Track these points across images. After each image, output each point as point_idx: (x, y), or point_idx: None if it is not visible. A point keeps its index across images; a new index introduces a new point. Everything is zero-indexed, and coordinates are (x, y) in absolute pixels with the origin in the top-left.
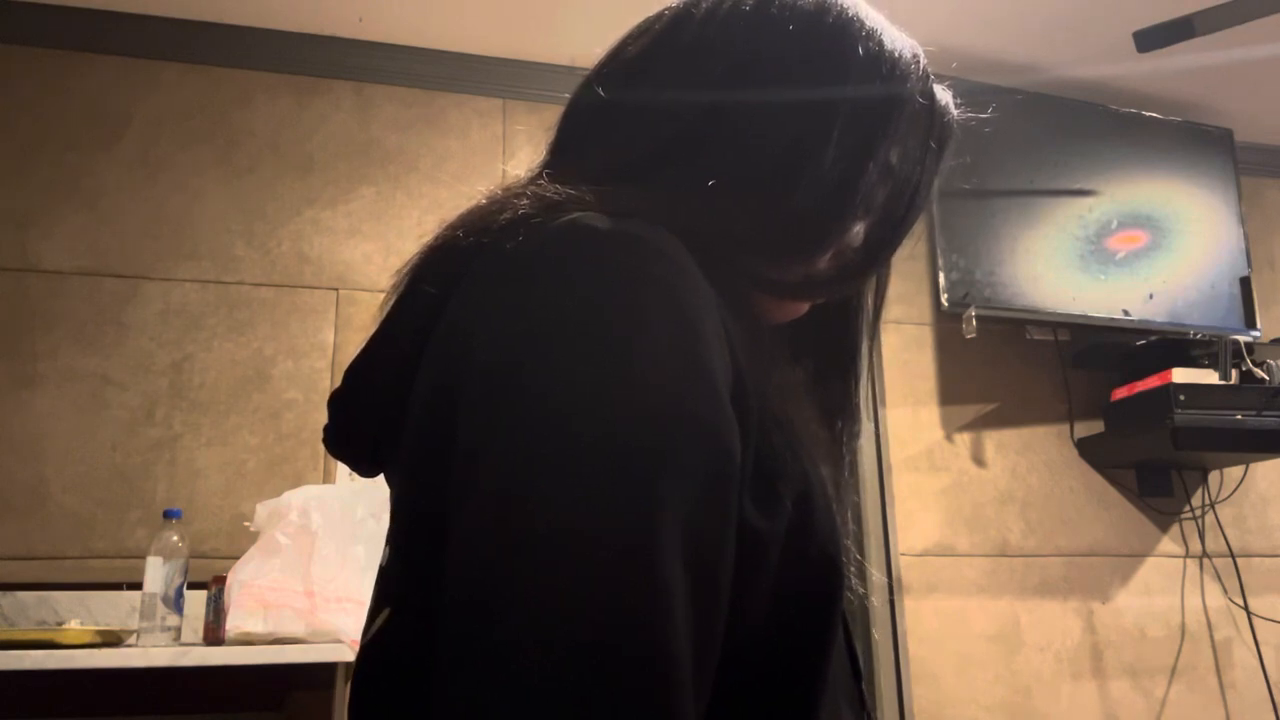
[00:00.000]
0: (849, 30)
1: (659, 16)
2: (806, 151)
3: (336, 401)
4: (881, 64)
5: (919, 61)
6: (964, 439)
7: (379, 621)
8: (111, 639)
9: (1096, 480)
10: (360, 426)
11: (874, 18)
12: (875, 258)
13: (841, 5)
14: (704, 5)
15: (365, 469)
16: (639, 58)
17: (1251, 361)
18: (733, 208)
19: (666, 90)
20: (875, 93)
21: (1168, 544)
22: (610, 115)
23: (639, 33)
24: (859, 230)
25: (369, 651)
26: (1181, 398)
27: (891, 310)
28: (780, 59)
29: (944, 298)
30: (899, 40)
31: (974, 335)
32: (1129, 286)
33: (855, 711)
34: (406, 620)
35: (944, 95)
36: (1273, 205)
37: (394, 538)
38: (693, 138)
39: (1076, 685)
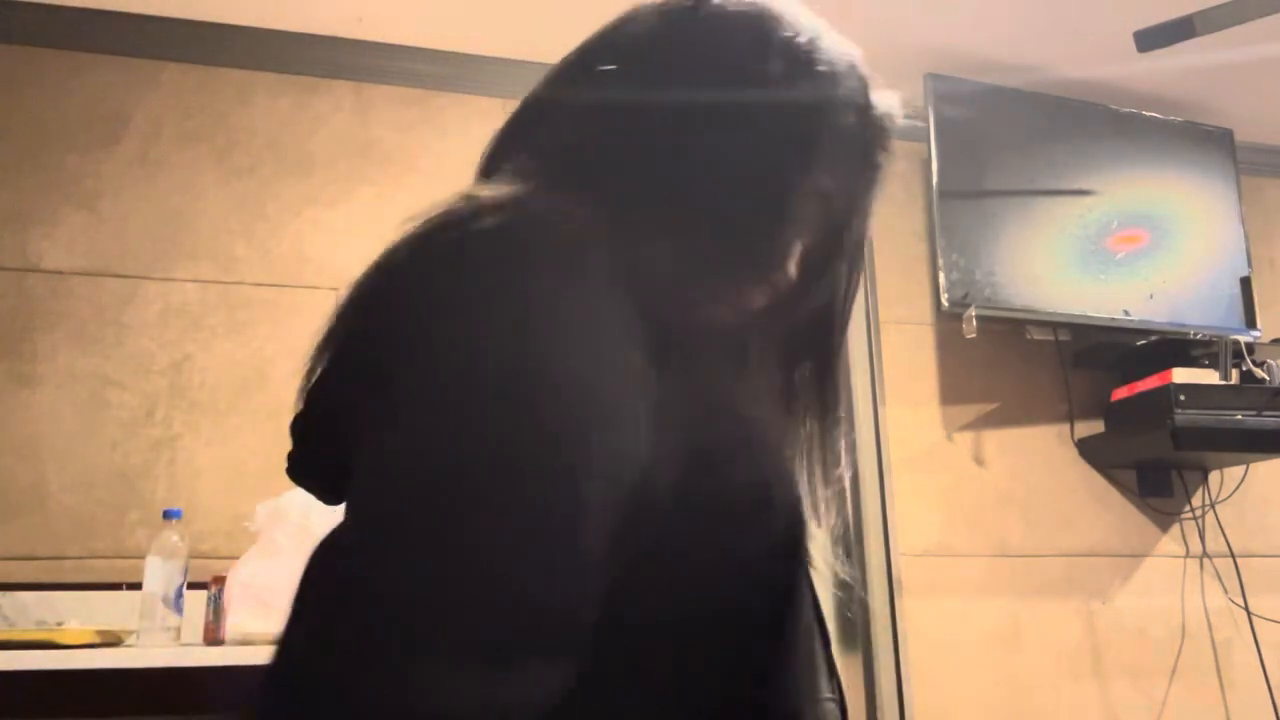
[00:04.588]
0: (771, 42)
1: (600, 29)
2: (727, 165)
3: (300, 425)
4: (806, 76)
5: (855, 70)
6: (964, 439)
7: None
8: (111, 639)
9: (1096, 480)
10: (326, 449)
11: (808, 28)
12: (810, 280)
13: (767, 16)
14: (633, 18)
15: (332, 497)
16: (565, 70)
17: (1251, 361)
18: (651, 221)
19: (590, 95)
20: (799, 103)
21: (1168, 544)
22: (541, 119)
23: (577, 47)
24: (795, 250)
25: None
26: (1181, 398)
27: (891, 310)
28: (696, 72)
29: (944, 298)
30: (836, 50)
31: (974, 335)
32: (1129, 286)
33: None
34: None
35: (885, 102)
36: (1273, 205)
37: None
38: (612, 146)
39: (1076, 685)
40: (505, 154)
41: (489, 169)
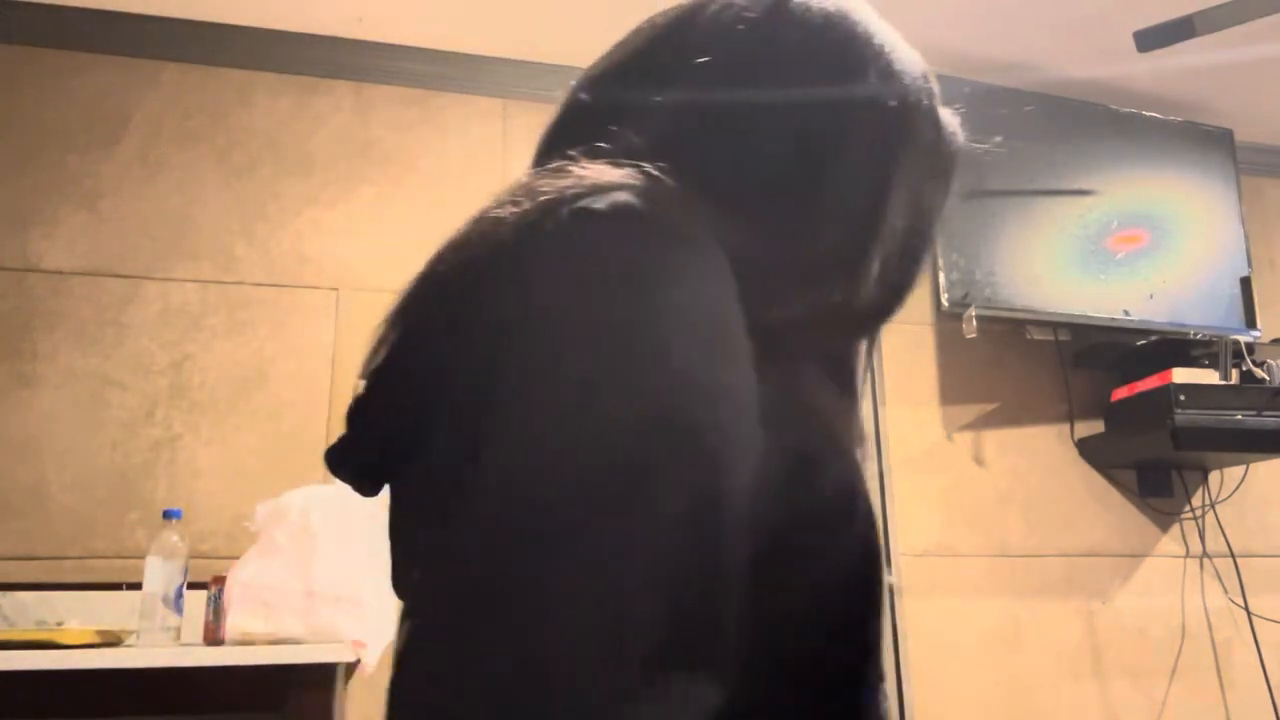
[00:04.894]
0: (858, 45)
1: (661, 18)
2: (816, 169)
3: (361, 410)
4: (893, 83)
5: (929, 84)
6: (964, 439)
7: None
8: (111, 639)
9: (1096, 480)
10: (391, 437)
11: (886, 34)
12: (897, 296)
13: (851, 19)
14: (708, 10)
15: (370, 487)
16: (638, 59)
17: (1251, 361)
18: (744, 216)
19: (664, 93)
20: (888, 111)
21: (1168, 544)
22: (605, 116)
23: (639, 34)
24: (877, 265)
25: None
26: (1181, 398)
27: None
28: (786, 70)
29: (944, 298)
30: (910, 59)
31: (974, 335)
32: (1129, 286)
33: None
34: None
35: (950, 120)
36: (1273, 205)
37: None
38: (707, 138)
39: (1076, 685)
40: (582, 137)
41: (585, 151)
